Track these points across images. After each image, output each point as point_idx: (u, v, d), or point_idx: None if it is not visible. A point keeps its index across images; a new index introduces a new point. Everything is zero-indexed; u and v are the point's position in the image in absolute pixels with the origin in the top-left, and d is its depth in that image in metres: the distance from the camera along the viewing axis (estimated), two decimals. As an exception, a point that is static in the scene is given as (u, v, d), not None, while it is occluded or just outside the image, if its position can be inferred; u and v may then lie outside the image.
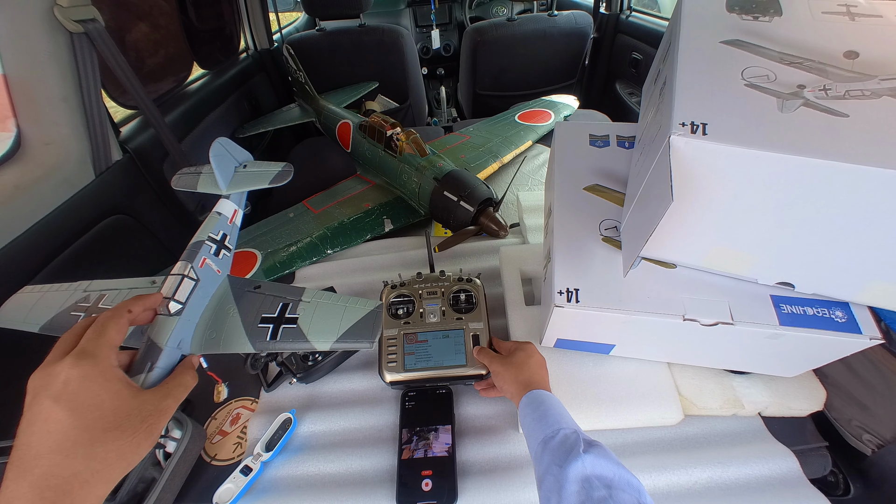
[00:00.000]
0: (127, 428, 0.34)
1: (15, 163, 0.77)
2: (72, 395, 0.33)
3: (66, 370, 0.33)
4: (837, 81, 0.40)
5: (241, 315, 0.50)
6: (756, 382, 0.63)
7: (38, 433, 0.31)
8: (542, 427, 0.48)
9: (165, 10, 1.31)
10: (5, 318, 0.56)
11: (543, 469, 0.44)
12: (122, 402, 0.35)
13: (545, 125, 1.50)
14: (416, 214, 1.14)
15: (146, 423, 0.35)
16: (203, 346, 0.47)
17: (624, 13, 2.00)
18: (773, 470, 0.57)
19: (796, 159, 0.36)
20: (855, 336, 0.47)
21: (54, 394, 0.32)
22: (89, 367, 0.34)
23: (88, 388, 0.33)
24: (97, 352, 0.35)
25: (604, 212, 0.58)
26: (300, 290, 0.53)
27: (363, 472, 0.61)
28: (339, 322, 0.49)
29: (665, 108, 0.43)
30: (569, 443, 0.44)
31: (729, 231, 0.45)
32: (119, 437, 0.33)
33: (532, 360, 0.59)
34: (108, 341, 0.37)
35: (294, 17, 2.49)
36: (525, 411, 0.52)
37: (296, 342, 0.48)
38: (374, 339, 0.48)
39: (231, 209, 0.58)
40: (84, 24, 0.77)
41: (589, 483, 0.40)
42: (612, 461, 0.42)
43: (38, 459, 0.31)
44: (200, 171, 0.61)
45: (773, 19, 0.48)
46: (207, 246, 0.52)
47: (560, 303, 0.52)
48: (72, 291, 0.55)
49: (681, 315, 0.50)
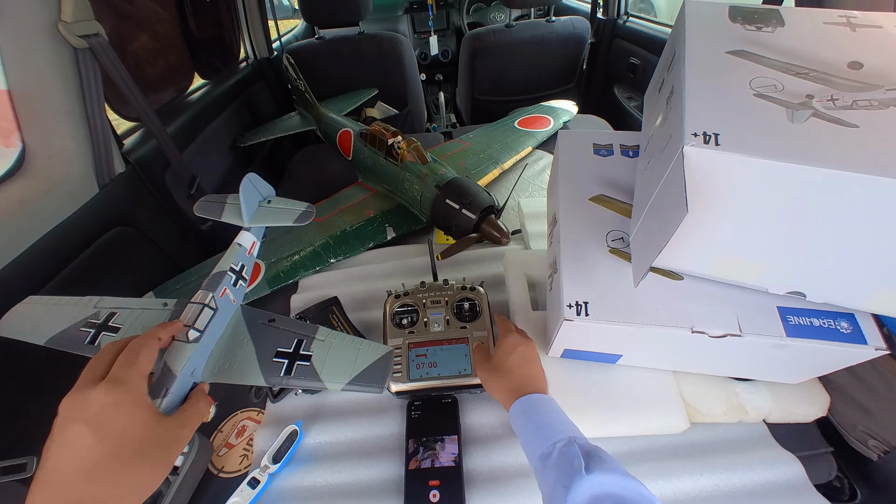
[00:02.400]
0: (152, 455, 0.35)
1: (20, 177, 0.77)
2: (104, 422, 0.33)
3: (101, 397, 0.34)
4: (844, 91, 0.41)
5: (256, 347, 0.51)
6: (760, 389, 0.63)
7: (68, 457, 0.32)
8: (538, 441, 0.46)
9: (166, 21, 1.32)
10: (9, 329, 0.55)
11: (549, 489, 0.43)
12: (149, 430, 0.36)
13: (545, 131, 1.51)
14: (418, 222, 1.15)
15: (167, 450, 0.36)
16: (215, 375, 0.49)
17: (621, 18, 2.01)
18: (778, 476, 0.57)
19: (811, 169, 0.36)
20: (860, 347, 0.47)
21: (87, 419, 0.33)
22: (122, 395, 0.35)
23: (120, 416, 0.34)
24: (130, 380, 0.36)
25: (610, 223, 0.59)
26: (314, 327, 0.54)
27: (370, 483, 0.61)
28: (351, 365, 0.50)
29: (674, 118, 0.43)
30: (568, 457, 0.43)
31: (741, 240, 0.45)
32: (144, 464, 0.34)
33: (511, 360, 0.57)
34: (140, 370, 0.38)
35: (292, 24, 2.50)
36: (517, 423, 0.51)
37: (308, 380, 0.49)
38: (383, 385, 0.49)
39: (250, 241, 0.60)
40: (88, 39, 0.77)
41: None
42: (618, 473, 0.41)
43: (67, 483, 0.31)
44: (225, 201, 0.63)
45: (776, 30, 0.49)
46: (229, 276, 0.53)
47: (570, 316, 0.52)
48: (81, 307, 0.55)
49: (689, 327, 0.50)
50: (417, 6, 2.74)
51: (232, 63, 1.72)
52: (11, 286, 0.68)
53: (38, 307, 0.57)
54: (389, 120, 1.89)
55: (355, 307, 0.85)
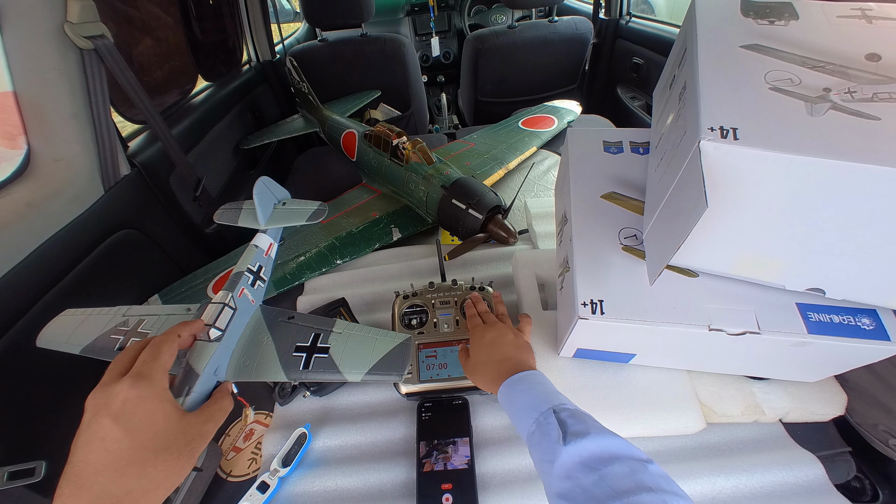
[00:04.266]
0: (175, 449, 0.35)
1: (25, 180, 0.77)
2: (129, 416, 0.34)
3: (126, 391, 0.35)
4: (862, 84, 0.40)
5: (276, 344, 0.51)
6: (776, 388, 0.62)
7: (96, 451, 0.32)
8: (524, 422, 0.46)
9: (170, 24, 1.31)
10: (48, 340, 0.58)
11: (539, 469, 0.43)
12: (172, 424, 0.36)
13: (549, 131, 1.50)
14: (424, 223, 1.14)
15: (190, 445, 0.36)
16: (237, 374, 0.49)
17: (623, 18, 2.01)
18: (798, 477, 0.56)
19: (832, 163, 0.36)
20: (884, 343, 0.46)
21: (114, 413, 0.34)
22: (146, 389, 0.35)
23: (145, 410, 0.35)
24: (153, 374, 0.37)
25: (622, 220, 0.58)
26: (331, 321, 0.54)
27: (381, 487, 0.60)
28: (370, 354, 0.51)
29: (689, 114, 0.43)
30: (546, 429, 0.42)
31: (759, 237, 0.44)
32: (168, 457, 0.34)
33: (483, 353, 0.57)
34: (162, 364, 0.38)
35: (294, 27, 2.50)
36: (506, 410, 0.50)
37: (327, 372, 0.49)
38: (403, 372, 0.49)
39: (267, 242, 0.61)
40: (93, 41, 0.77)
41: (574, 474, 0.38)
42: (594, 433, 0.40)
43: (96, 476, 0.32)
44: (241, 207, 0.64)
45: (790, 23, 0.48)
46: (246, 277, 0.55)
47: (584, 314, 0.51)
48: (111, 316, 0.57)
49: (706, 325, 0.49)
50: (419, 8, 2.75)
51: (235, 66, 1.72)
52: (18, 289, 0.68)
53: (73, 318, 0.59)
54: (392, 122, 1.89)
55: (363, 308, 0.84)
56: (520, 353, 0.56)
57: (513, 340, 0.58)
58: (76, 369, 0.75)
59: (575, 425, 0.42)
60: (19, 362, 0.66)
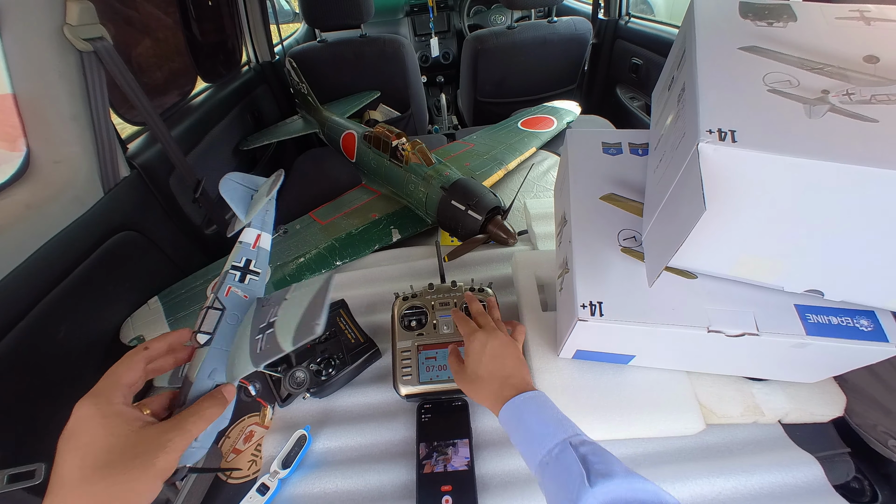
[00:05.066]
0: (116, 465, 0.33)
1: (25, 182, 0.77)
2: (75, 435, 0.34)
3: (76, 410, 0.35)
4: (861, 86, 0.40)
5: (251, 333, 0.46)
6: (775, 389, 0.62)
7: (54, 472, 0.33)
8: (533, 448, 0.44)
9: (169, 25, 1.31)
10: None
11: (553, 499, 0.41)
12: (116, 439, 0.34)
13: (548, 131, 1.51)
14: (423, 224, 1.14)
15: (139, 458, 0.34)
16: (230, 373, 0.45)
17: (623, 19, 2.01)
18: (797, 478, 0.56)
19: (831, 165, 0.36)
20: (882, 344, 0.47)
21: (65, 434, 0.34)
22: (91, 407, 0.35)
23: (87, 428, 0.34)
24: (102, 391, 0.36)
25: (621, 222, 0.58)
26: (289, 288, 0.48)
27: (381, 488, 0.60)
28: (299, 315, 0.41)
29: (688, 116, 0.43)
30: (566, 465, 0.41)
31: (758, 238, 0.44)
32: (107, 475, 0.32)
33: (483, 366, 0.54)
34: (115, 380, 0.37)
35: (293, 28, 2.50)
36: (509, 431, 0.49)
37: (273, 349, 0.41)
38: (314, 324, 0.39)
39: (253, 235, 0.57)
40: (93, 43, 0.77)
41: None
42: (621, 475, 0.39)
43: (58, 493, 0.32)
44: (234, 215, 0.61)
45: (788, 25, 0.48)
46: (231, 274, 0.52)
47: (584, 316, 0.51)
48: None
49: (705, 327, 0.49)
50: (418, 9, 2.75)
51: (234, 67, 1.72)
52: (18, 291, 0.68)
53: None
54: (392, 122, 1.89)
55: (363, 310, 0.85)
56: (522, 369, 0.55)
57: (515, 354, 0.56)
58: (77, 371, 0.75)
59: (598, 464, 0.40)
60: (20, 364, 0.66)
